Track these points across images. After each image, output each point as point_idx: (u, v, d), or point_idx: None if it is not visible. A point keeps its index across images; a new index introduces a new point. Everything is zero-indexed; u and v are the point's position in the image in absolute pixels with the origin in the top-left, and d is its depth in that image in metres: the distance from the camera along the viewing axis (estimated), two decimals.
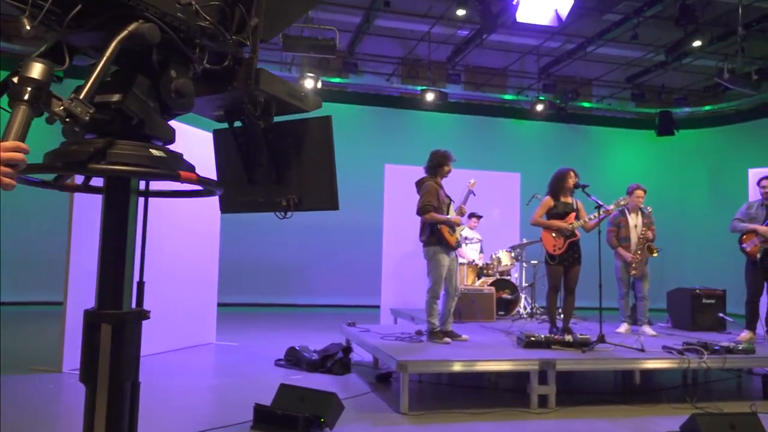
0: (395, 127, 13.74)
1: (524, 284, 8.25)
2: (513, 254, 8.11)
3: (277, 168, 1.91)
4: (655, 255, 6.32)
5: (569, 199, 5.81)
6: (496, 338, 5.68)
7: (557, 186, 5.76)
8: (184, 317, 6.86)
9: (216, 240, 7.58)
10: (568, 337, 4.98)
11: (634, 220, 6.47)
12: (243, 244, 12.73)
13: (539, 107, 13.30)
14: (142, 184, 1.67)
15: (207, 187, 1.64)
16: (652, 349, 4.96)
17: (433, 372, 4.85)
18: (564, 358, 4.53)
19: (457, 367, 4.35)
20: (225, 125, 1.99)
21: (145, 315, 1.59)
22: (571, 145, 14.32)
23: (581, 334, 5.08)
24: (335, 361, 5.63)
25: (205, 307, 7.32)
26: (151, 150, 1.44)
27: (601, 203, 5.39)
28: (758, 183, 6.13)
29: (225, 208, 2.11)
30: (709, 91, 14.33)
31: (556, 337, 5.00)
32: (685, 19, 9.31)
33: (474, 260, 8.15)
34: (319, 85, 11.99)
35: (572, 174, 5.74)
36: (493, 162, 12.30)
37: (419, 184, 5.46)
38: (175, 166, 1.47)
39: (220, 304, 7.76)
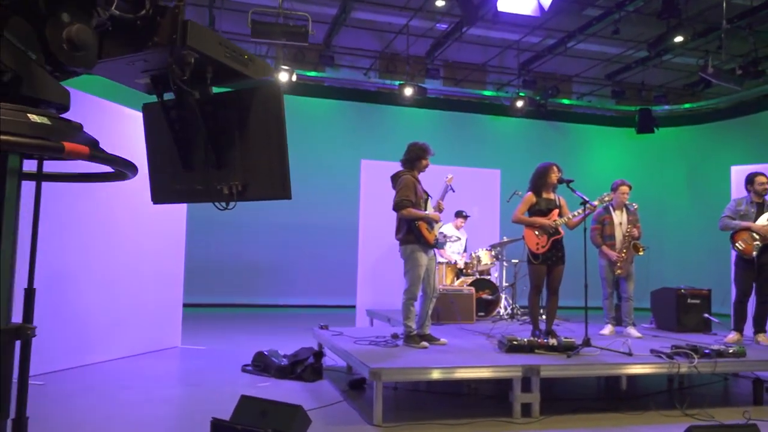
0: (373, 122, 13.41)
1: (505, 284, 7.98)
2: (493, 253, 7.83)
3: (216, 149, 1.56)
4: (641, 253, 6.09)
5: (552, 196, 5.53)
6: (476, 342, 5.39)
7: (540, 181, 5.47)
8: (146, 320, 6.46)
9: (182, 237, 7.17)
10: (552, 341, 4.70)
11: (619, 218, 6.22)
12: (215, 242, 12.32)
13: (519, 104, 13.07)
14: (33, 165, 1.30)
15: (113, 167, 1.28)
16: (640, 353, 4.70)
17: (409, 380, 4.53)
18: (548, 363, 4.25)
19: (435, 375, 4.04)
20: (154, 98, 1.63)
21: (26, 332, 1.22)
22: (551, 143, 14.13)
23: (565, 337, 4.80)
24: (306, 366, 5.28)
25: (170, 309, 6.92)
26: (28, 115, 1.08)
27: (586, 199, 5.12)
28: (751, 180, 5.89)
29: (157, 197, 1.76)
30: (688, 89, 14.25)
31: (539, 340, 4.71)
32: (667, 12, 9.13)
33: (455, 261, 7.85)
34: (294, 78, 11.59)
35: (555, 169, 5.47)
36: (472, 159, 12.05)
37: (395, 178, 5.14)
38: (62, 137, 1.11)
39: (189, 305, 7.37)
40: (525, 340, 4.71)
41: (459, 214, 8.11)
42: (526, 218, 5.44)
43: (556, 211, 5.42)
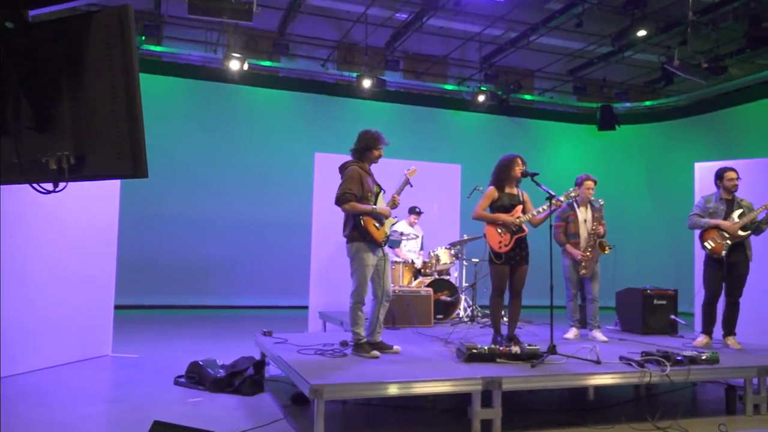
0: (330, 115, 12.86)
1: (465, 284, 7.57)
2: (453, 252, 7.41)
3: (35, 102, 1.05)
4: (607, 252, 5.76)
5: (515, 190, 5.13)
6: (433, 349, 4.94)
7: (503, 175, 5.06)
8: (71, 326, 5.81)
9: (113, 233, 6.54)
10: (515, 349, 4.29)
11: (584, 214, 5.88)
12: (159, 239, 11.62)
13: (480, 98, 12.74)
14: None
15: None
16: (609, 361, 4.34)
17: (355, 397, 4.04)
18: (511, 375, 3.83)
19: (384, 391, 3.57)
20: None
21: None
22: (513, 138, 13.86)
23: (529, 344, 4.40)
24: (245, 378, 4.75)
25: (99, 314, 6.27)
26: None
27: (552, 193, 4.72)
28: (721, 176, 5.60)
29: None
30: (648, 87, 14.18)
31: (501, 348, 4.30)
32: (632, 4, 8.87)
33: (412, 260, 7.40)
34: (246, 67, 10.97)
35: (519, 161, 5.06)
36: (432, 153, 11.64)
37: (343, 168, 4.65)
38: None
39: (128, 307, 6.73)
40: (485, 347, 4.29)
41: (412, 211, 7.66)
42: (488, 214, 5.02)
43: (520, 207, 5.02)
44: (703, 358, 4.38)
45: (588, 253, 5.74)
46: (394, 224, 4.69)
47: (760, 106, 12.56)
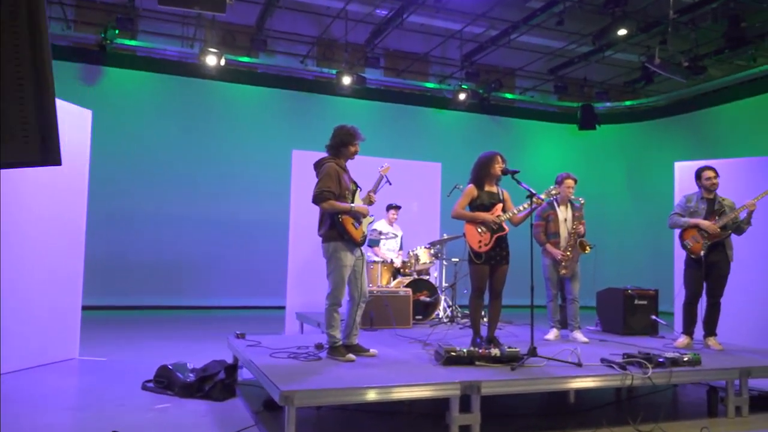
0: (309, 113, 12.67)
1: (444, 284, 7.45)
2: (432, 251, 7.28)
3: None
4: (587, 252, 5.67)
5: (495, 189, 5.01)
6: (411, 351, 4.81)
7: (482, 172, 4.94)
8: (36, 328, 5.57)
9: (81, 233, 6.30)
10: (495, 351, 4.17)
11: (564, 214, 5.78)
12: (132, 239, 11.35)
13: (461, 96, 12.65)
14: None
15: None
16: (590, 363, 4.24)
17: (328, 404, 3.87)
18: (490, 379, 3.70)
19: (358, 397, 3.42)
20: None
21: None
22: (493, 137, 13.80)
23: (509, 347, 4.29)
24: (215, 383, 4.56)
25: (66, 315, 6.03)
26: None
27: (533, 191, 4.61)
28: (699, 175, 5.55)
29: None
30: (629, 87, 14.21)
31: (480, 351, 4.17)
32: (613, 3, 8.83)
33: (392, 259, 7.26)
34: (223, 62, 10.74)
35: (499, 159, 4.94)
36: (412, 152, 11.53)
37: (318, 166, 4.49)
38: None
39: (103, 308, 6.50)
40: (464, 350, 4.16)
41: (390, 207, 7.51)
42: (467, 213, 4.90)
43: (500, 205, 4.90)
44: (685, 359, 4.30)
45: (568, 253, 5.66)
46: (371, 223, 4.54)
47: (738, 106, 12.65)
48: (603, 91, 14.20)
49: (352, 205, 4.36)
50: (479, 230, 4.81)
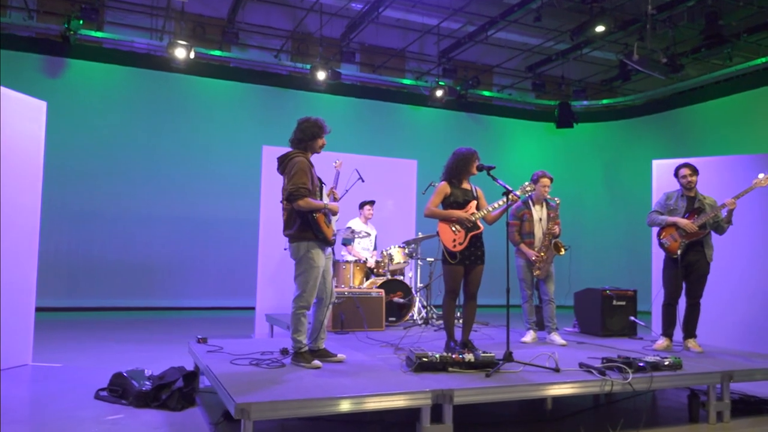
0: (283, 109, 12.34)
1: (419, 285, 7.23)
2: (407, 251, 7.05)
3: None
4: (562, 253, 5.48)
5: (468, 186, 4.80)
6: (381, 356, 4.57)
7: (459, 170, 4.72)
8: None
9: (35, 231, 5.94)
10: (469, 356, 3.95)
11: (539, 213, 5.59)
12: (97, 237, 10.95)
13: (438, 93, 12.45)
14: None
15: None
16: (568, 368, 4.05)
17: (286, 417, 3.56)
18: (463, 387, 3.48)
19: (319, 409, 3.17)
20: None
21: None
22: (471, 134, 13.63)
23: (484, 352, 4.08)
24: (172, 391, 4.28)
25: (18, 319, 5.67)
26: None
27: (509, 188, 4.41)
28: (676, 173, 5.42)
29: None
30: (606, 85, 14.16)
31: (454, 356, 3.95)
32: None
33: (366, 259, 7.02)
34: (192, 55, 10.39)
35: (477, 157, 4.74)
36: (388, 149, 11.33)
37: (284, 160, 4.23)
38: None
39: (67, 309, 6.14)
40: (437, 355, 3.93)
41: (365, 203, 7.26)
42: (441, 211, 4.68)
43: (474, 203, 4.69)
44: (666, 363, 4.13)
45: (542, 254, 5.47)
46: (337, 220, 4.29)
47: (715, 105, 12.65)
48: (581, 89, 14.13)
49: (327, 202, 4.11)
50: (453, 229, 4.59)
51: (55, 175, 10.64)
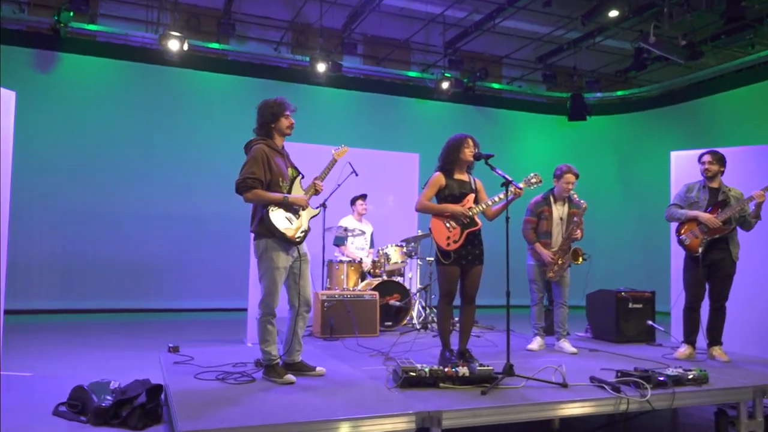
0: None
1: (418, 286, 6.74)
2: (405, 250, 6.56)
3: None
4: (579, 263, 4.94)
5: (466, 177, 4.32)
6: (367, 368, 4.10)
7: (451, 158, 4.25)
8: None
9: (2, 227, 5.53)
10: (463, 370, 3.47)
11: (560, 212, 5.05)
12: (90, 237, 10.58)
13: (445, 84, 11.92)
14: None
15: None
16: (577, 383, 3.56)
17: None
18: (454, 408, 3.00)
19: None
20: None
21: None
22: (479, 128, 13.02)
23: (481, 364, 3.59)
24: (134, 408, 3.84)
25: None
26: None
27: (509, 179, 3.91)
28: (699, 159, 4.89)
29: None
30: (620, 75, 13.54)
31: (446, 369, 3.47)
32: None
33: (361, 259, 6.54)
34: (186, 47, 9.98)
35: (470, 142, 4.25)
36: (393, 144, 10.80)
37: (246, 149, 3.79)
38: None
39: (53, 312, 5.72)
40: (426, 369, 3.46)
41: (356, 198, 6.76)
42: (434, 205, 4.21)
43: (472, 196, 4.21)
44: (690, 377, 3.62)
45: (560, 260, 4.93)
46: (314, 216, 3.81)
47: (735, 95, 12.00)
48: (594, 80, 13.52)
49: (286, 194, 3.63)
50: (447, 225, 4.11)
51: (49, 174, 10.32)
